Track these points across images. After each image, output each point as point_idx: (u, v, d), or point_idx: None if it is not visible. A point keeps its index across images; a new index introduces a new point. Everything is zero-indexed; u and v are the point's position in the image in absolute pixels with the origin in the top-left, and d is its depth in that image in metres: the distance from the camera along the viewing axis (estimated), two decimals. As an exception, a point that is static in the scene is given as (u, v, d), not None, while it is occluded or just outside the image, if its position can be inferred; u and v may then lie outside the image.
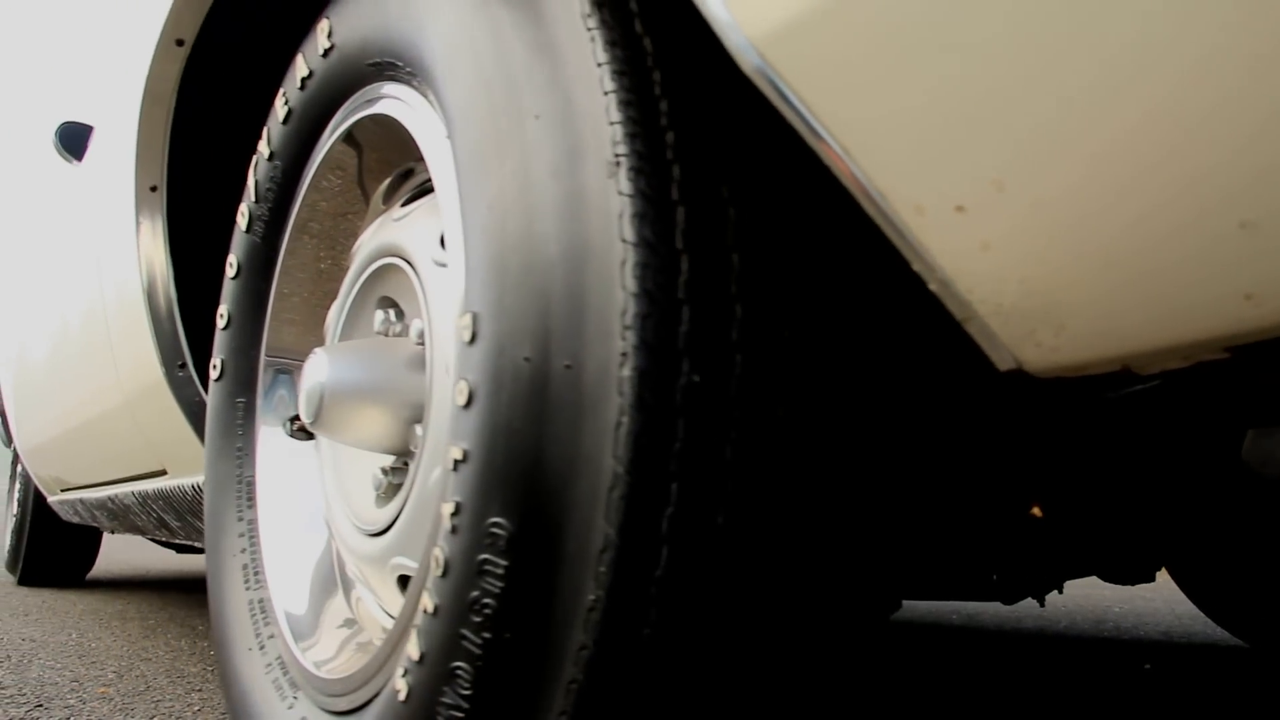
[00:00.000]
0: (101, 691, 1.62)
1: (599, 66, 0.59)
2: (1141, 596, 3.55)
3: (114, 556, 4.78)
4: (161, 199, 1.36)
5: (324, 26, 0.95)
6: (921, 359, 0.64)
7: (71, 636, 2.20)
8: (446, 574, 0.63)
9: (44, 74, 2.49)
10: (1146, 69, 0.39)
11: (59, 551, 3.42)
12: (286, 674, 0.96)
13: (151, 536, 2.49)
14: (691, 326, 0.56)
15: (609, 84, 0.58)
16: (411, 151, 0.95)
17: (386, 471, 0.92)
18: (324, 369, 0.87)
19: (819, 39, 0.48)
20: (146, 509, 1.95)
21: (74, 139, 1.87)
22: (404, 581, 0.88)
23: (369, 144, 0.99)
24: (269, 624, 1.01)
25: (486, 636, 0.60)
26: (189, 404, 1.41)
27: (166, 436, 1.57)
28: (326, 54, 0.95)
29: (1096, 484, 0.98)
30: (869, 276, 0.62)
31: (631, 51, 0.59)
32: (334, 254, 1.12)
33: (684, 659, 0.58)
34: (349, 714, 0.83)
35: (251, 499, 1.10)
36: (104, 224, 1.61)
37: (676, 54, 0.61)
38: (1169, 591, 3.18)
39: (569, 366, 0.57)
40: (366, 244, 1.01)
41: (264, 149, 1.09)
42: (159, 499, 1.80)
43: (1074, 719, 1.54)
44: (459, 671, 0.62)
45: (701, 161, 0.58)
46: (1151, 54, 0.39)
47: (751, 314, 0.58)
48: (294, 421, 1.11)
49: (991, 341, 0.50)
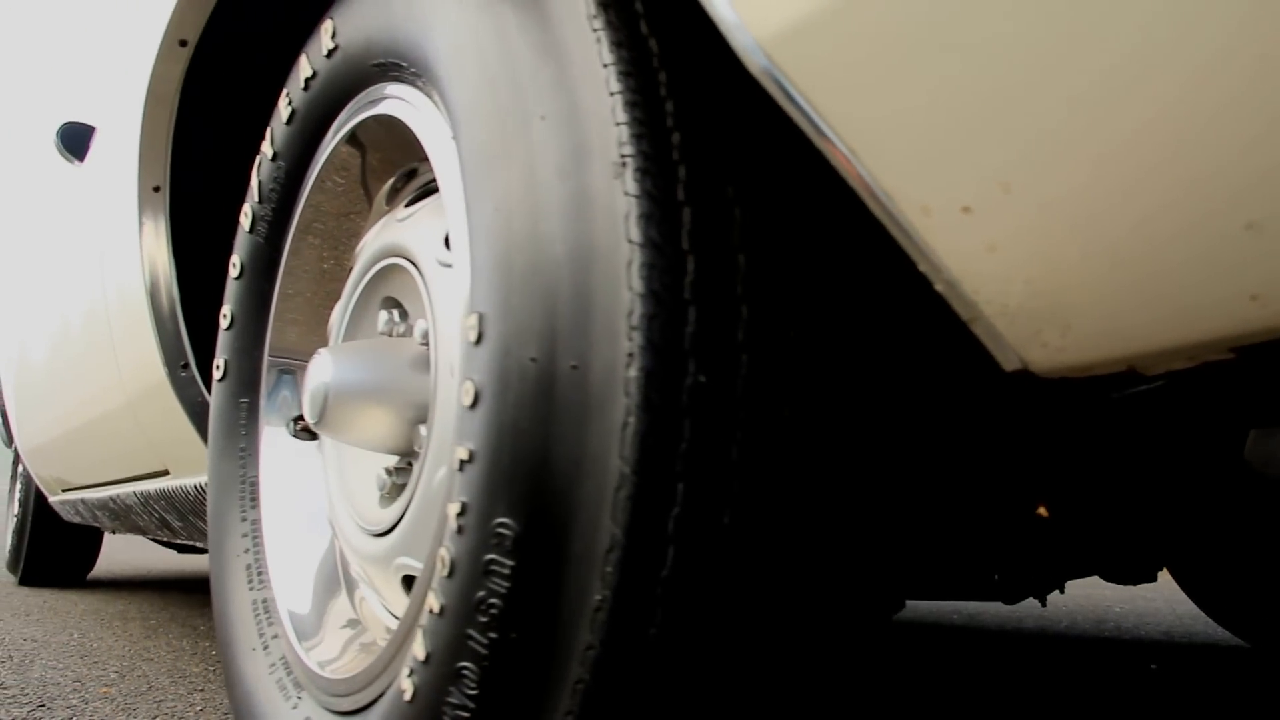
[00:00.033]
0: (104, 692, 1.62)
1: (605, 67, 0.59)
2: (1142, 596, 3.55)
3: (115, 557, 4.78)
4: (164, 199, 1.36)
5: (328, 27, 0.96)
6: (926, 359, 0.64)
7: (73, 636, 2.20)
8: (452, 574, 0.63)
9: (45, 75, 2.49)
10: (1152, 70, 0.39)
11: (60, 552, 3.42)
12: (290, 674, 0.96)
13: (153, 537, 2.49)
14: (698, 327, 0.56)
15: (615, 85, 0.59)
16: (415, 151, 0.95)
17: (390, 472, 0.92)
18: (328, 369, 0.87)
19: (826, 40, 0.48)
20: (148, 509, 1.95)
21: (75, 139, 1.87)
22: (408, 582, 0.88)
23: (372, 144, 0.99)
24: (273, 624, 1.01)
25: (493, 637, 0.60)
26: (192, 404, 1.41)
27: (169, 436, 1.57)
28: (330, 54, 0.95)
29: (1100, 484, 0.98)
30: (874, 277, 0.62)
31: (637, 52, 0.60)
32: (337, 254, 1.12)
33: (690, 659, 0.58)
34: (353, 714, 0.83)
35: (255, 499, 1.10)
36: (106, 224, 1.61)
37: (682, 55, 0.61)
38: (1170, 591, 3.18)
39: (575, 367, 0.57)
40: (370, 244, 1.01)
41: (267, 149, 1.09)
42: (161, 499, 1.80)
43: (1077, 719, 1.54)
44: (465, 672, 0.62)
45: (707, 162, 0.58)
46: (1157, 55, 0.39)
47: (757, 315, 0.58)
48: (297, 422, 1.11)
49: (997, 342, 0.50)
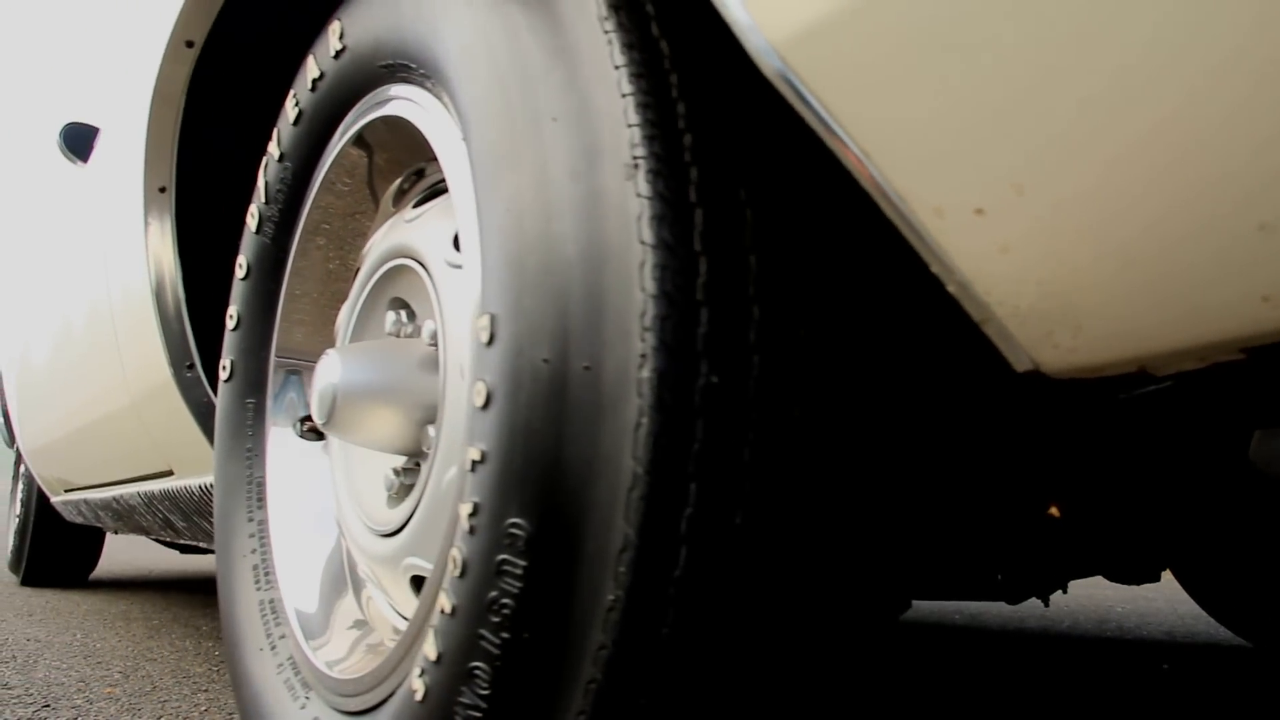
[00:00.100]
0: (108, 692, 1.62)
1: (617, 69, 0.59)
2: (1144, 596, 3.55)
3: (116, 557, 4.77)
4: (170, 200, 1.36)
5: (335, 28, 0.96)
6: (936, 360, 0.64)
7: (76, 637, 2.20)
8: (464, 574, 0.63)
9: (46, 76, 2.49)
10: (1165, 72, 0.39)
11: (62, 552, 3.41)
12: (298, 674, 0.96)
13: (156, 537, 2.49)
14: (710, 328, 0.56)
15: (627, 86, 0.59)
16: (422, 152, 0.95)
17: (398, 472, 0.92)
18: (336, 370, 0.88)
19: (839, 42, 0.48)
20: (152, 509, 1.95)
21: (79, 140, 1.87)
22: (417, 582, 0.88)
23: (379, 144, 0.99)
24: (280, 624, 1.02)
25: (505, 637, 0.60)
26: (197, 405, 1.41)
27: (173, 437, 1.57)
28: (338, 55, 0.95)
29: (1106, 484, 0.98)
30: (885, 278, 0.62)
31: (649, 54, 0.60)
32: (343, 254, 1.12)
33: (702, 658, 0.59)
34: (362, 714, 0.83)
35: (262, 500, 1.10)
36: (111, 225, 1.61)
37: (693, 56, 0.61)
38: (1171, 591, 3.18)
39: (588, 368, 0.58)
40: (378, 245, 1.01)
41: (274, 150, 1.09)
42: (165, 499, 1.80)
43: (1080, 719, 1.54)
44: (477, 672, 0.62)
45: (719, 164, 0.59)
46: (1170, 57, 0.39)
47: (769, 316, 0.58)
48: (304, 422, 1.11)
49: (1009, 343, 0.50)
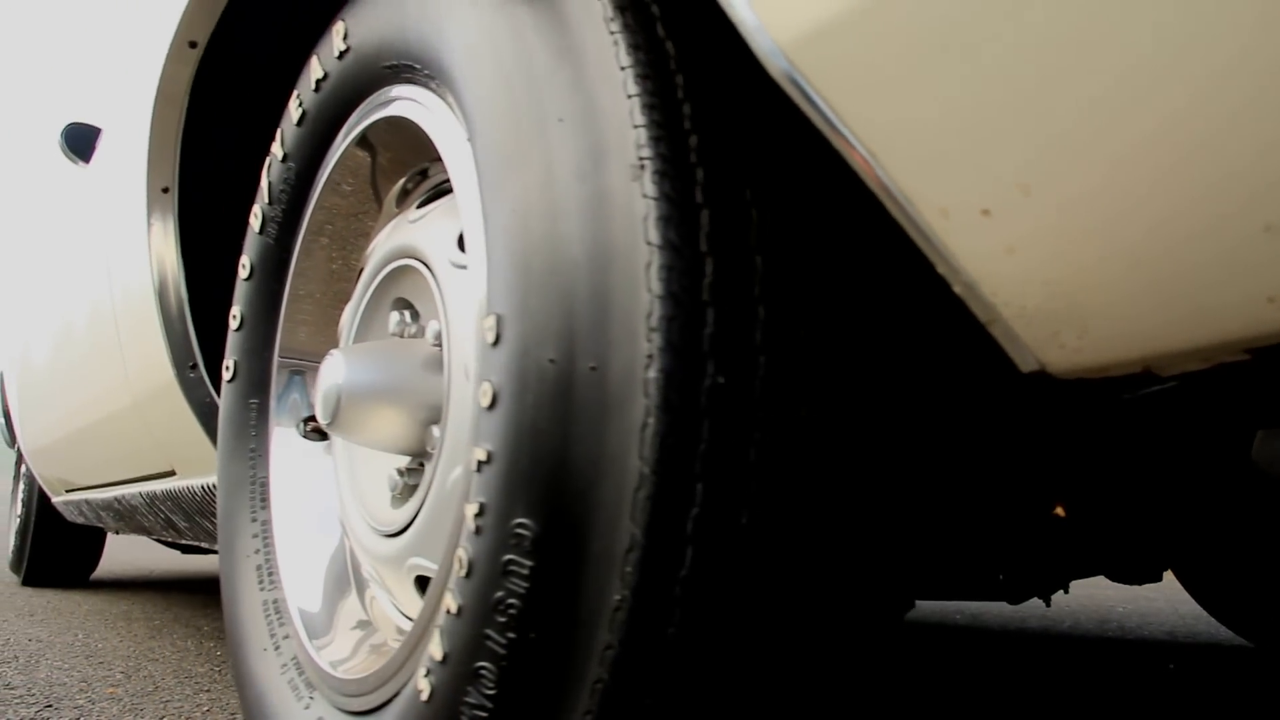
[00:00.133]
0: (110, 692, 1.62)
1: (622, 70, 0.59)
2: (1145, 596, 3.56)
3: (117, 557, 4.77)
4: (173, 200, 1.36)
5: (339, 29, 0.96)
6: (941, 360, 0.64)
7: (78, 637, 2.20)
8: (470, 574, 0.63)
9: (47, 76, 2.49)
10: (1171, 72, 0.40)
11: (63, 552, 3.42)
12: (302, 674, 0.96)
13: (157, 537, 2.49)
14: (716, 328, 0.56)
15: (633, 87, 0.59)
16: (426, 152, 0.95)
17: (402, 472, 0.92)
18: (341, 370, 0.88)
19: (846, 43, 0.48)
20: (154, 510, 1.95)
21: (80, 140, 1.87)
22: (421, 582, 0.88)
23: (382, 144, 0.99)
24: (284, 624, 1.02)
25: (511, 637, 0.60)
26: (200, 405, 1.41)
27: (176, 437, 1.57)
28: (342, 56, 0.95)
29: (1108, 483, 0.98)
30: (889, 279, 0.62)
31: (654, 55, 0.60)
32: (345, 255, 1.12)
33: (708, 658, 0.59)
34: (366, 714, 0.83)
35: (265, 500, 1.10)
36: (114, 225, 1.61)
37: (698, 58, 0.61)
38: (1172, 591, 3.18)
39: (594, 368, 0.58)
40: (381, 246, 1.02)
41: (277, 150, 1.09)
42: (167, 500, 1.80)
43: (1082, 719, 1.54)
44: (483, 671, 0.62)
45: (724, 164, 0.59)
46: (1176, 57, 0.39)
47: (774, 316, 0.58)
48: (308, 423, 1.11)
49: (1015, 343, 0.50)
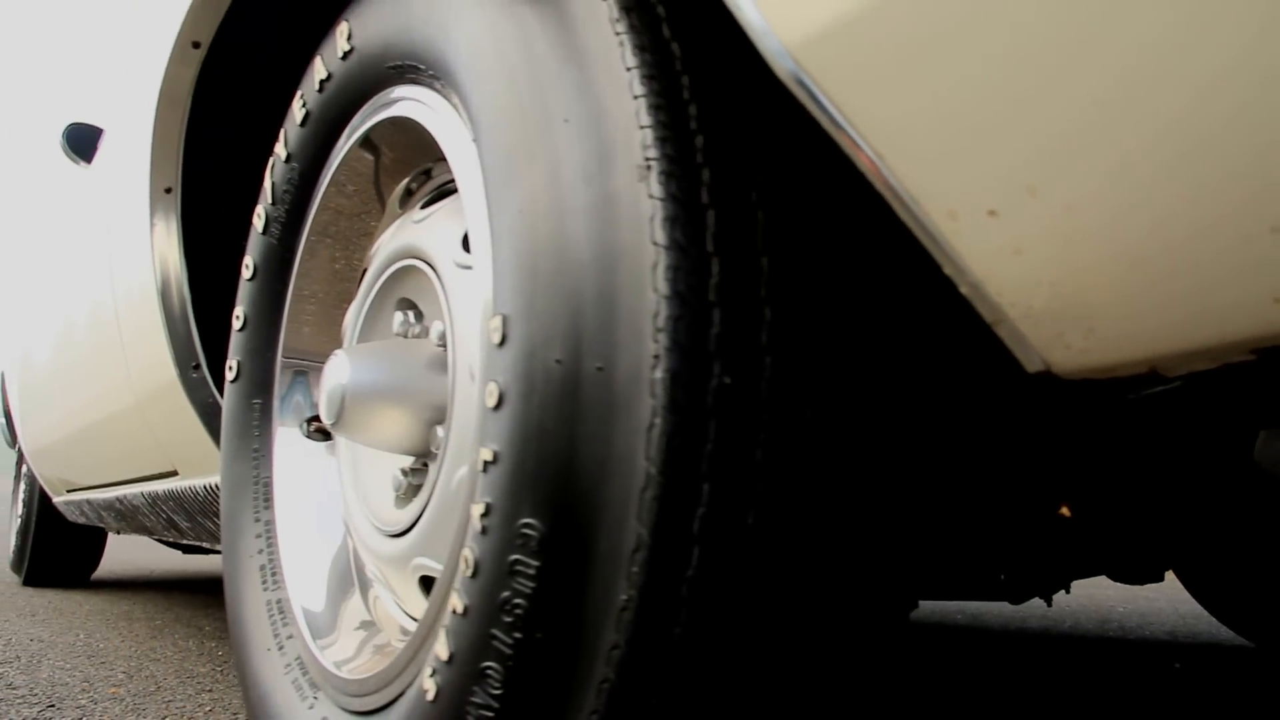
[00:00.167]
0: (112, 692, 1.62)
1: (628, 71, 0.60)
2: (1145, 596, 3.56)
3: (118, 557, 4.78)
4: (176, 200, 1.36)
5: (343, 29, 0.96)
6: (946, 360, 0.65)
7: (79, 637, 2.20)
8: (476, 575, 0.63)
9: (48, 77, 2.50)
10: (1176, 72, 0.40)
11: (64, 552, 3.42)
12: (306, 674, 0.96)
13: (159, 537, 2.49)
14: (723, 329, 0.56)
15: (639, 88, 0.59)
16: (430, 152, 0.95)
17: (406, 473, 0.92)
18: (345, 370, 0.88)
19: (853, 44, 0.48)
20: (156, 510, 1.95)
21: (81, 141, 1.88)
22: (425, 582, 0.88)
23: (386, 144, 1.00)
24: (287, 624, 1.02)
25: (518, 636, 0.61)
26: (202, 405, 1.41)
27: (178, 437, 1.57)
28: (346, 56, 0.95)
29: (1111, 483, 0.98)
30: (895, 279, 0.62)
31: (660, 56, 0.60)
32: (348, 255, 1.12)
33: (714, 658, 0.59)
34: (371, 714, 0.83)
35: (269, 500, 1.10)
36: (116, 226, 1.61)
37: (704, 59, 0.61)
38: (1173, 591, 3.19)
39: (601, 368, 0.58)
40: (385, 246, 1.02)
41: (281, 151, 1.09)
42: (169, 500, 1.80)
43: (1084, 718, 1.54)
44: (489, 671, 0.62)
45: (730, 165, 0.59)
46: (1181, 57, 0.39)
47: (780, 317, 0.58)
48: (311, 423, 1.11)
49: (1021, 344, 0.50)
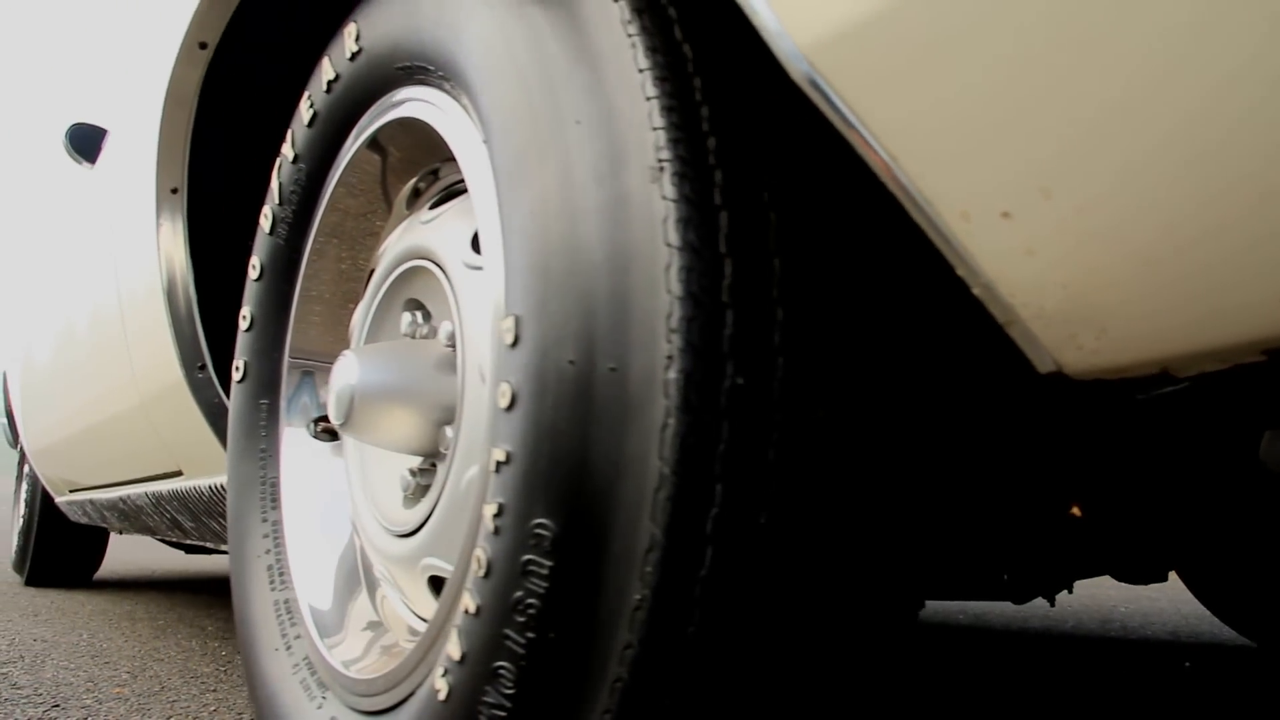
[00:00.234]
0: (117, 692, 1.62)
1: (640, 73, 0.60)
2: (1147, 596, 3.56)
3: (119, 557, 4.77)
4: (182, 201, 1.36)
5: (351, 30, 0.96)
6: (957, 360, 0.65)
7: (83, 637, 2.20)
8: (489, 575, 0.64)
9: (50, 77, 2.50)
10: (1189, 74, 0.40)
11: (66, 552, 3.42)
12: (314, 674, 0.96)
13: (162, 537, 2.49)
14: (735, 330, 0.56)
15: (651, 90, 0.59)
16: (437, 152, 0.95)
17: (414, 473, 0.93)
18: (354, 371, 0.88)
19: (868, 47, 0.48)
20: (160, 510, 1.95)
21: (85, 141, 1.88)
22: (434, 582, 0.88)
23: (392, 144, 1.00)
24: (295, 624, 1.02)
25: (531, 636, 0.61)
26: (208, 405, 1.41)
27: (183, 437, 1.57)
28: (354, 57, 0.96)
29: (1117, 483, 0.98)
30: (906, 280, 0.63)
31: (672, 58, 0.60)
32: (354, 255, 1.12)
33: (727, 657, 0.59)
34: (380, 714, 0.83)
35: (275, 500, 1.10)
36: (121, 226, 1.61)
37: (716, 60, 0.61)
38: (1175, 591, 3.19)
39: (614, 369, 0.58)
40: (393, 247, 1.02)
41: (288, 151, 1.09)
42: (174, 500, 1.80)
43: (1085, 718, 1.54)
44: (502, 671, 0.63)
45: (742, 166, 0.59)
46: (1194, 59, 0.40)
47: (793, 317, 0.58)
48: (318, 423, 1.12)
49: (1033, 344, 0.50)
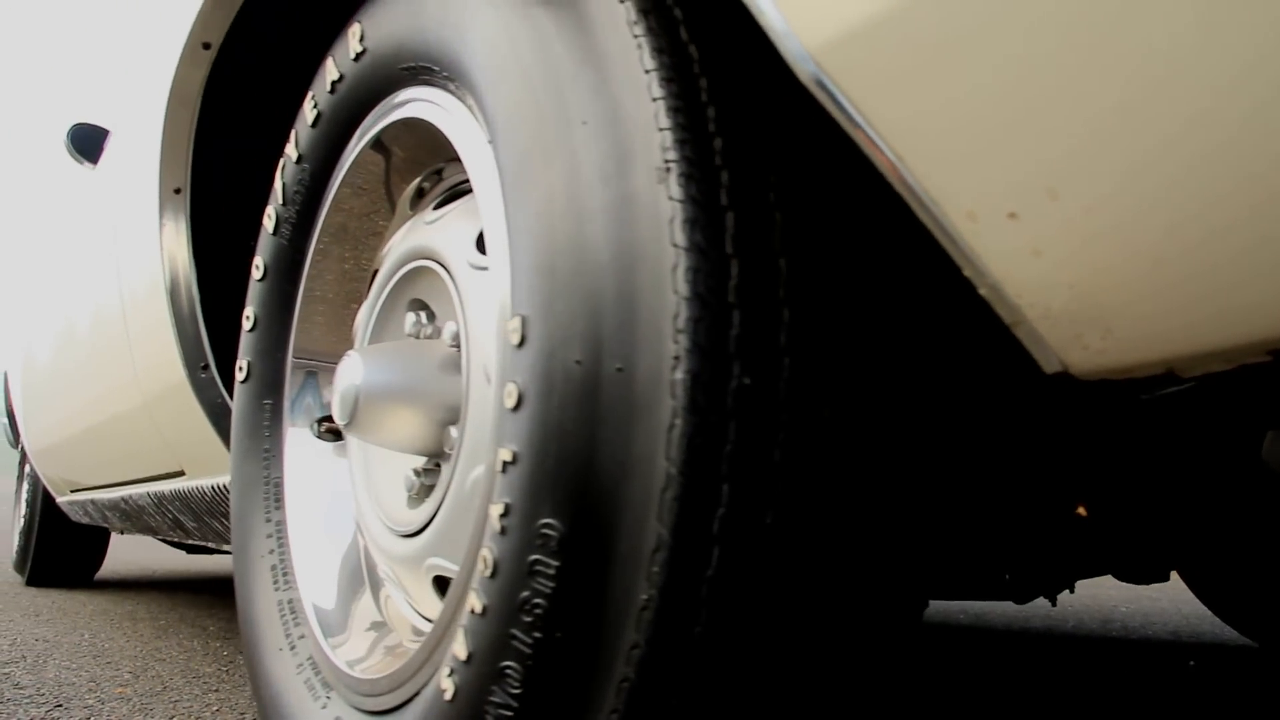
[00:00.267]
0: (119, 692, 1.63)
1: (647, 73, 0.60)
2: (1148, 596, 3.56)
3: (121, 557, 4.78)
4: (185, 201, 1.36)
5: (355, 31, 0.96)
6: (963, 361, 0.65)
7: (84, 637, 2.20)
8: (495, 574, 0.64)
9: (51, 78, 2.50)
10: (1195, 75, 0.40)
11: (67, 552, 3.42)
12: (319, 674, 0.96)
13: (163, 537, 2.49)
14: (742, 330, 0.56)
15: (657, 90, 0.59)
16: (441, 152, 0.96)
17: (419, 473, 0.93)
18: (359, 371, 0.88)
19: (875, 47, 0.48)
20: (162, 510, 1.95)
21: (86, 141, 1.88)
22: (439, 582, 0.88)
23: (396, 144, 1.00)
24: (299, 624, 1.02)
25: (537, 636, 0.61)
26: (211, 405, 1.41)
27: (186, 437, 1.57)
28: (358, 58, 0.96)
29: (1120, 483, 0.99)
30: (912, 280, 0.63)
31: (678, 58, 0.60)
32: (357, 255, 1.12)
33: (734, 657, 0.59)
34: (385, 714, 0.83)
35: (279, 500, 1.10)
36: (124, 226, 1.61)
37: (722, 61, 0.61)
38: (1176, 591, 3.19)
39: (620, 369, 0.58)
40: (397, 247, 1.02)
41: (292, 152, 1.10)
42: (176, 500, 1.80)
43: (1085, 718, 1.55)
44: (509, 671, 0.63)
45: (749, 167, 0.59)
46: (1201, 59, 0.40)
47: (799, 318, 0.58)
48: (322, 423, 1.12)
49: (1039, 345, 0.50)
